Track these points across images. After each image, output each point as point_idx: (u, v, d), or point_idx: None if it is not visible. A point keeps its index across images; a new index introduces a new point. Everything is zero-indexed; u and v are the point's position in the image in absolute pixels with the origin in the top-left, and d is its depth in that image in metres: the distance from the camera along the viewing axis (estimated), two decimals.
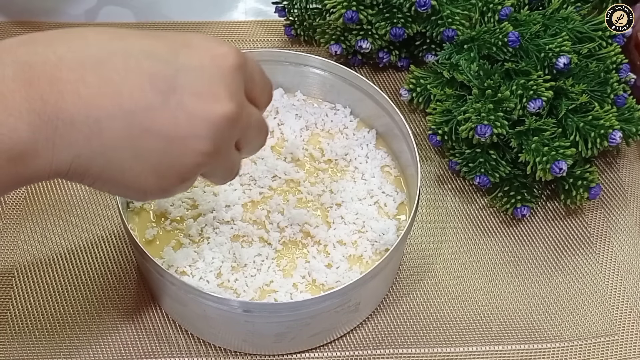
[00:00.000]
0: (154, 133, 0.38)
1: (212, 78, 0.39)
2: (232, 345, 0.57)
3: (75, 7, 0.79)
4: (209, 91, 0.39)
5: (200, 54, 0.40)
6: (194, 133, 0.39)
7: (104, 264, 0.61)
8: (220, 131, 0.40)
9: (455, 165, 0.65)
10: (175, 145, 0.39)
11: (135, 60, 0.38)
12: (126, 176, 0.39)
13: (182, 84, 0.39)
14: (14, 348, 0.57)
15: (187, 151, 0.40)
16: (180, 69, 0.39)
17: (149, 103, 0.38)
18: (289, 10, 0.74)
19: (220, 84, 0.40)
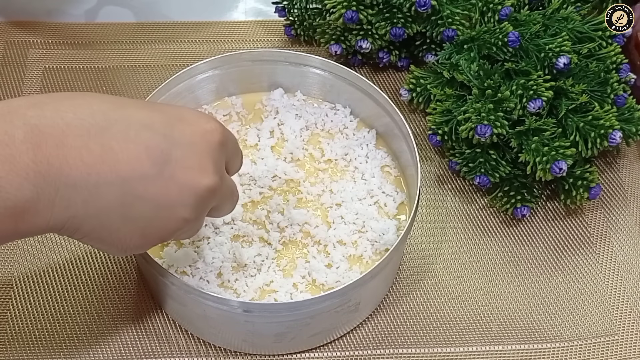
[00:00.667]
0: (146, 200, 0.41)
1: (201, 153, 0.43)
2: (232, 345, 0.57)
3: (75, 7, 0.79)
4: (198, 165, 0.43)
5: (192, 129, 0.43)
6: (182, 202, 0.43)
7: (104, 264, 0.61)
8: (202, 200, 0.44)
9: (455, 165, 0.65)
10: (163, 212, 0.42)
11: (135, 131, 0.41)
12: (113, 237, 0.42)
13: (175, 157, 0.42)
14: (14, 348, 0.57)
15: (172, 217, 0.43)
16: (175, 143, 0.42)
17: (145, 172, 0.41)
18: (289, 10, 0.74)
19: (207, 159, 0.43)
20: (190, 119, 0.44)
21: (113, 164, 0.40)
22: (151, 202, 0.42)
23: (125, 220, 0.42)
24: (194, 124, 0.44)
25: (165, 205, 0.42)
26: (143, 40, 0.76)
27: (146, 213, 0.42)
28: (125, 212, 0.41)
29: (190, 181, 0.42)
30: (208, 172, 0.43)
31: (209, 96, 0.65)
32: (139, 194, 0.41)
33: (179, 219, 0.43)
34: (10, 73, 0.72)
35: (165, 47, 0.75)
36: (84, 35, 0.76)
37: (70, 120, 0.39)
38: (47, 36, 0.75)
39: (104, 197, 0.40)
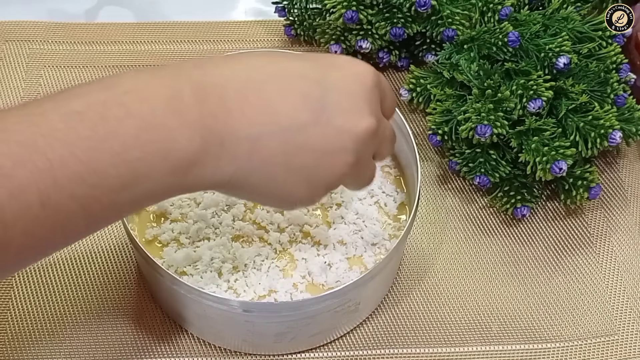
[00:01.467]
0: (307, 148, 0.42)
1: (355, 95, 0.43)
2: (232, 345, 0.57)
3: (75, 7, 0.79)
4: (354, 108, 0.43)
5: (344, 73, 0.44)
6: (342, 147, 0.43)
7: (104, 264, 0.61)
8: (363, 143, 0.44)
9: (455, 165, 0.65)
10: (325, 159, 0.43)
11: (290, 81, 0.42)
12: (280, 189, 0.43)
13: (330, 102, 0.42)
14: (14, 348, 0.57)
15: (335, 163, 0.43)
16: (329, 88, 0.43)
17: (303, 121, 0.42)
18: (289, 10, 0.74)
19: (363, 101, 0.43)
20: (341, 64, 0.45)
21: (272, 114, 0.41)
22: (312, 149, 0.42)
23: (290, 170, 0.42)
24: (345, 68, 0.44)
25: (326, 151, 0.43)
26: (143, 40, 0.76)
27: (309, 161, 0.42)
28: (288, 162, 0.42)
29: (348, 124, 0.43)
30: (364, 114, 0.43)
31: None
32: (300, 143, 0.42)
33: (341, 163, 0.43)
34: (10, 73, 0.72)
35: (165, 47, 0.75)
36: (84, 35, 0.76)
37: (228, 76, 0.41)
38: (47, 36, 0.75)
39: (267, 147, 0.41)
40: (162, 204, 0.58)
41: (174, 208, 0.58)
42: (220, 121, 0.40)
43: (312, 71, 0.43)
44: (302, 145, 0.42)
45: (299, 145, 0.42)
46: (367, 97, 0.44)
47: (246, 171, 0.41)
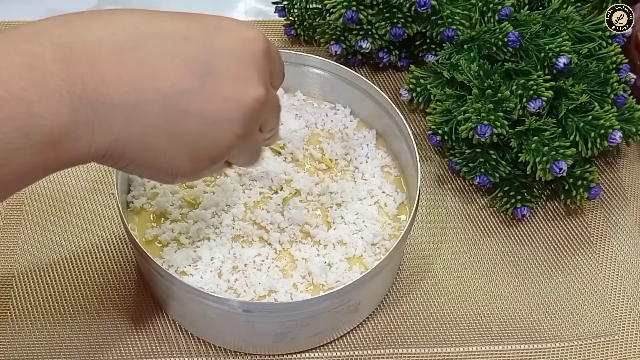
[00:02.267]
0: (190, 116, 0.39)
1: (244, 62, 0.40)
2: (232, 345, 0.57)
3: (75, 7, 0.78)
4: (243, 75, 0.40)
5: (232, 37, 0.40)
6: (229, 116, 0.40)
7: (104, 264, 0.61)
8: (251, 114, 0.41)
9: (455, 165, 0.65)
10: (210, 128, 0.40)
11: (171, 43, 0.38)
12: (161, 160, 0.40)
13: (217, 67, 0.39)
14: (14, 348, 0.57)
15: (221, 133, 0.40)
16: (215, 52, 0.39)
17: (187, 86, 0.38)
18: (289, 10, 0.74)
19: (252, 68, 0.40)
20: (229, 27, 0.41)
21: (152, 79, 0.38)
22: (197, 117, 0.39)
23: (172, 140, 0.39)
24: (234, 32, 0.41)
25: (212, 120, 0.39)
26: None
27: (193, 130, 0.39)
28: (170, 131, 0.39)
29: (236, 93, 0.40)
30: (254, 83, 0.40)
31: None
32: (183, 110, 0.38)
33: (228, 134, 0.40)
34: None
35: None
36: None
37: (102, 36, 0.37)
38: None
39: (146, 115, 0.38)
40: (162, 204, 0.58)
41: (174, 208, 0.58)
42: (91, 88, 0.36)
43: (197, 33, 0.40)
44: (185, 113, 0.38)
45: (181, 113, 0.38)
46: (256, 64, 0.41)
47: (124, 141, 0.38)
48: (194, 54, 0.39)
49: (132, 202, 0.58)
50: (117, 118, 0.37)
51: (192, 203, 0.58)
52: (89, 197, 0.65)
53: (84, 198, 0.64)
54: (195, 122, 0.39)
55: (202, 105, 0.39)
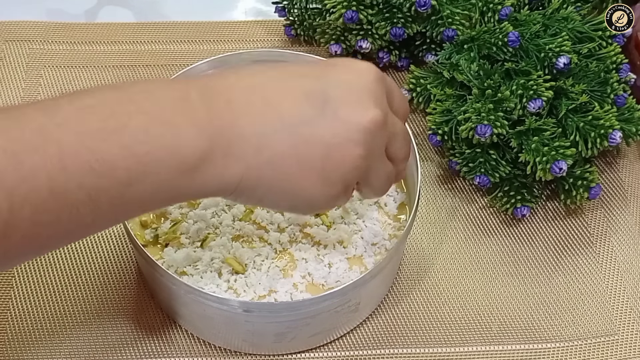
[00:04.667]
0: (314, 141, 0.42)
1: (358, 89, 0.44)
2: (232, 345, 0.57)
3: (75, 7, 0.79)
4: (357, 100, 0.43)
5: (345, 70, 0.45)
6: (349, 137, 0.43)
7: (104, 264, 0.61)
8: (370, 134, 0.43)
9: (455, 165, 0.65)
10: (334, 151, 0.43)
11: (291, 82, 0.44)
12: (294, 185, 0.43)
13: (333, 96, 0.43)
14: (14, 348, 0.57)
15: (345, 155, 0.43)
16: (330, 83, 0.43)
17: (307, 116, 0.42)
18: (289, 10, 0.74)
19: (366, 94, 0.44)
20: (342, 63, 0.46)
21: (276, 112, 0.42)
22: (320, 142, 0.42)
23: (300, 163, 0.42)
24: (347, 66, 0.45)
25: (334, 143, 0.43)
26: (143, 40, 0.76)
27: (318, 154, 0.43)
28: (298, 155, 0.42)
29: (353, 116, 0.43)
30: (369, 106, 0.43)
31: None
32: (307, 138, 0.42)
33: (353, 155, 0.43)
34: (10, 73, 0.72)
35: (165, 47, 0.75)
36: (83, 35, 0.76)
37: (233, 81, 0.43)
38: (47, 36, 0.75)
39: (274, 142, 0.42)
40: None
41: (174, 208, 0.58)
42: (226, 121, 0.41)
43: (313, 71, 0.45)
44: (309, 138, 0.42)
45: (306, 139, 0.42)
46: (370, 90, 0.44)
47: (256, 168, 0.42)
48: (311, 86, 0.43)
49: None
50: (248, 147, 0.41)
51: (192, 203, 0.58)
52: None
53: None
54: (320, 147, 0.43)
55: (324, 130, 0.43)
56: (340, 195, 0.45)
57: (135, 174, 0.39)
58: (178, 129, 0.40)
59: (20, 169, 0.36)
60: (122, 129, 0.38)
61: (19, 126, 0.37)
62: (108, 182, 0.38)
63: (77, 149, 0.37)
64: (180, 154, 0.39)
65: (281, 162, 0.42)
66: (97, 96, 0.40)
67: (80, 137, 0.37)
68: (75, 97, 0.39)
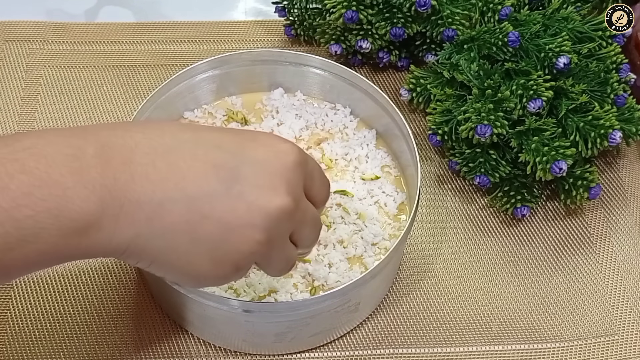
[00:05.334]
0: (212, 220, 0.40)
1: (273, 172, 0.42)
2: (232, 345, 0.57)
3: (75, 7, 0.79)
4: (269, 184, 0.41)
5: (264, 148, 0.42)
6: (251, 222, 0.41)
7: (104, 264, 0.61)
8: (275, 222, 0.41)
9: (455, 165, 0.65)
10: (232, 233, 0.41)
11: (204, 150, 0.41)
12: (182, 260, 0.41)
13: (244, 175, 0.41)
14: (14, 348, 0.57)
15: (243, 239, 0.41)
16: (245, 161, 0.41)
17: (212, 190, 0.40)
18: (289, 10, 0.74)
19: (280, 178, 0.42)
20: (263, 140, 0.43)
21: (179, 181, 0.40)
22: (218, 221, 0.40)
23: (193, 241, 0.40)
24: (267, 144, 0.43)
25: (234, 225, 0.41)
26: (143, 40, 0.76)
27: (214, 233, 0.40)
28: (191, 232, 0.40)
29: (260, 200, 0.41)
30: (279, 192, 0.41)
31: (209, 96, 0.65)
32: (206, 213, 0.40)
33: (249, 241, 0.41)
34: (10, 73, 0.72)
35: (165, 47, 0.75)
36: (83, 35, 0.76)
37: (139, 139, 0.40)
38: (47, 36, 0.75)
39: (169, 214, 0.39)
40: None
41: None
42: (121, 183, 0.38)
43: (231, 143, 0.42)
44: (207, 216, 0.40)
45: (204, 215, 0.40)
46: (285, 175, 0.42)
47: (145, 237, 0.39)
48: (224, 160, 0.41)
49: None
50: (141, 214, 0.39)
51: None
52: None
53: None
54: (217, 225, 0.40)
55: (226, 210, 0.40)
56: (230, 275, 0.43)
57: (15, 239, 0.36)
58: (64, 191, 0.37)
59: None
60: (2, 192, 0.36)
61: None
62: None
63: None
64: (65, 216, 0.37)
65: (172, 235, 0.40)
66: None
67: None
68: None
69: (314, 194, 0.45)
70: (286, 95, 0.66)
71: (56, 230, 0.37)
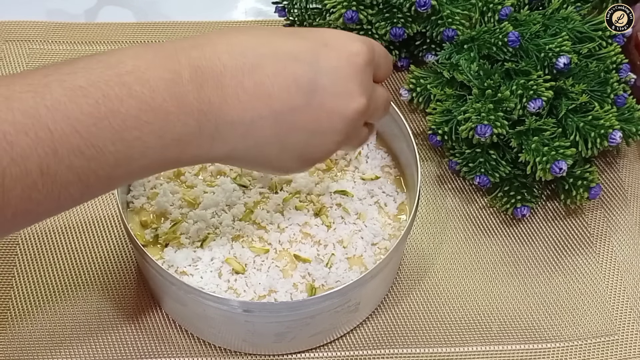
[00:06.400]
0: (298, 129, 0.44)
1: (347, 77, 0.45)
2: (232, 345, 0.57)
3: (75, 7, 0.79)
4: (344, 90, 0.45)
5: (337, 54, 0.45)
6: (332, 128, 0.45)
7: (104, 264, 0.61)
8: (352, 123, 0.46)
9: (455, 165, 0.65)
10: (316, 138, 0.45)
11: (283, 64, 0.44)
12: (274, 163, 0.47)
13: (322, 85, 0.44)
14: (14, 348, 0.57)
15: (326, 142, 0.46)
16: (321, 71, 0.44)
17: (295, 104, 0.44)
18: (289, 10, 0.74)
19: (354, 82, 0.45)
20: (335, 43, 0.45)
21: (266, 99, 0.43)
22: (303, 130, 0.44)
23: (282, 148, 0.45)
24: (339, 48, 0.45)
25: (317, 132, 0.45)
26: (143, 40, 0.76)
27: (300, 141, 0.45)
28: (281, 142, 0.44)
29: (338, 107, 0.45)
30: (355, 96, 0.45)
31: None
32: (292, 125, 0.44)
33: (331, 142, 0.46)
34: (10, 73, 0.72)
35: None
36: (83, 35, 0.76)
37: (226, 61, 0.42)
38: (47, 36, 0.75)
39: (260, 130, 0.43)
40: (162, 204, 0.58)
41: (174, 208, 0.58)
42: (215, 107, 0.42)
43: (307, 53, 0.44)
44: (294, 126, 0.44)
45: (291, 126, 0.44)
46: (358, 78, 0.45)
47: (240, 151, 0.44)
48: (303, 73, 0.44)
49: (132, 202, 0.58)
50: (235, 133, 0.43)
51: (192, 203, 0.58)
52: None
53: None
54: (303, 134, 0.45)
55: (309, 120, 0.44)
56: (311, 166, 0.49)
57: (123, 156, 0.40)
58: (167, 116, 0.40)
59: (11, 150, 0.37)
60: (113, 115, 0.39)
61: (8, 106, 0.37)
62: (97, 164, 0.39)
63: (68, 132, 0.38)
64: (168, 137, 0.41)
65: (264, 147, 0.44)
66: (88, 75, 0.39)
67: (71, 121, 0.38)
68: (65, 74, 0.39)
69: (381, 75, 0.49)
70: None
71: (160, 148, 0.41)
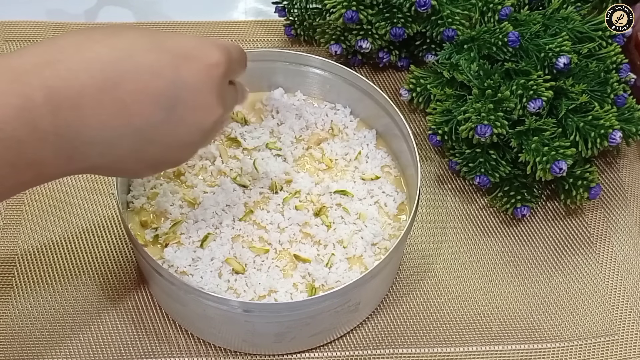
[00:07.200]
0: (156, 143, 0.45)
1: (207, 90, 0.45)
2: (232, 345, 0.57)
3: (75, 7, 0.79)
4: (204, 103, 0.45)
5: (197, 67, 0.45)
6: (190, 140, 0.46)
7: (104, 264, 0.61)
8: (209, 132, 0.47)
9: (455, 165, 0.65)
10: (172, 151, 0.46)
11: (144, 81, 0.43)
12: (129, 173, 0.49)
13: (183, 99, 0.44)
14: (14, 348, 0.57)
15: (183, 154, 0.48)
16: (182, 87, 0.44)
17: (155, 120, 0.43)
18: (289, 10, 0.74)
19: (212, 94, 0.46)
20: (195, 54, 0.45)
21: (126, 117, 0.42)
22: (161, 144, 0.45)
23: (138, 160, 0.45)
24: (199, 60, 0.45)
25: (174, 145, 0.46)
26: None
27: (157, 153, 0.45)
28: (138, 156, 0.45)
29: (197, 120, 0.45)
30: (214, 107, 0.46)
31: None
32: (150, 140, 0.44)
33: (189, 152, 0.48)
34: None
35: None
36: None
37: (84, 80, 0.41)
38: (47, 36, 0.75)
39: (119, 148, 0.43)
40: (162, 204, 0.58)
41: (174, 208, 0.58)
42: (73, 129, 0.41)
43: (167, 68, 0.44)
44: (152, 140, 0.44)
45: (149, 141, 0.44)
46: (217, 89, 0.46)
47: (98, 166, 0.44)
48: (164, 89, 0.43)
49: (132, 202, 0.58)
50: (93, 152, 0.43)
51: (192, 203, 0.58)
52: (89, 197, 0.65)
53: (84, 198, 0.64)
54: (160, 147, 0.45)
55: (167, 134, 0.45)
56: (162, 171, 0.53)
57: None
58: (19, 145, 0.39)
59: None
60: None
61: None
62: None
63: None
64: (22, 163, 0.40)
65: (121, 160, 0.44)
66: None
67: None
68: None
69: (235, 77, 0.51)
70: (286, 95, 0.66)
71: (14, 174, 0.40)
